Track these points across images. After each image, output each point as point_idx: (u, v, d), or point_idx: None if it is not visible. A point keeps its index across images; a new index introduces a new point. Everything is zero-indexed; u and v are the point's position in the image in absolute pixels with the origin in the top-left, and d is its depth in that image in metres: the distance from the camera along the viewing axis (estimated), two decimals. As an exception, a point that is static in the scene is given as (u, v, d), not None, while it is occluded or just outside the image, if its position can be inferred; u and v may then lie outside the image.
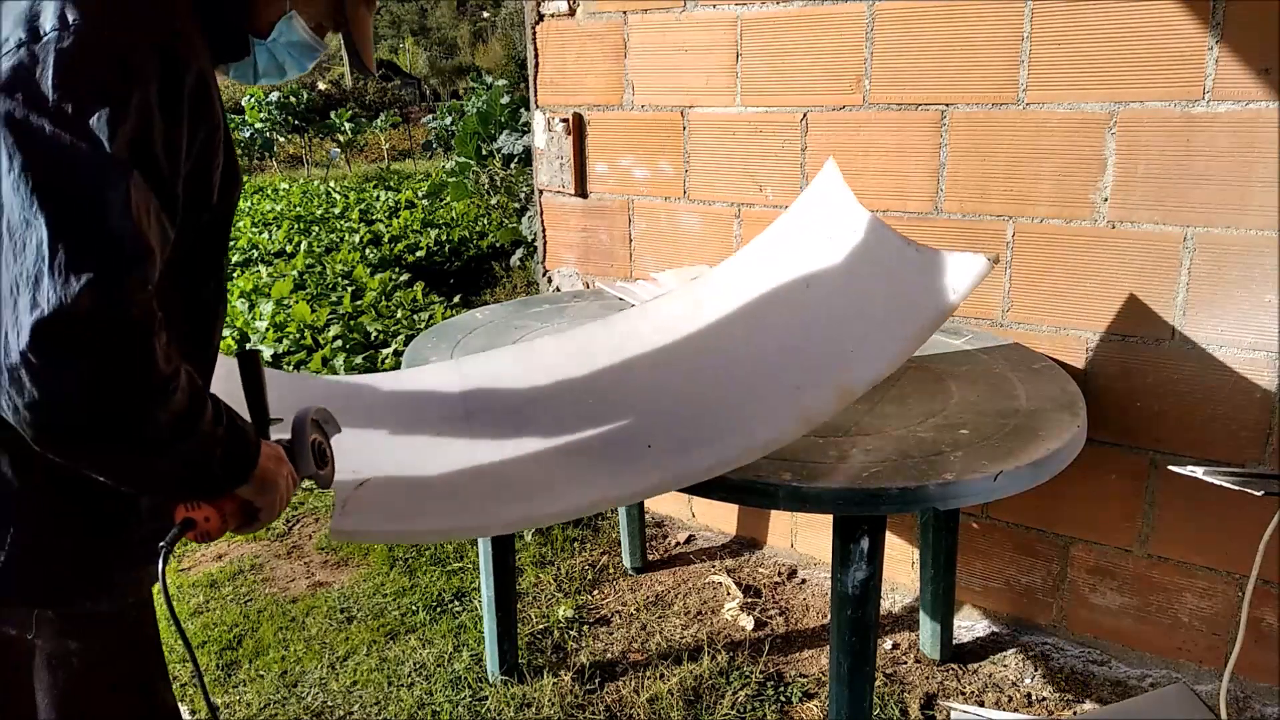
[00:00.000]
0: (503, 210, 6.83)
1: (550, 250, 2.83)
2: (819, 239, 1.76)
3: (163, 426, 0.86)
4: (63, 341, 0.78)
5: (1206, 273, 1.85)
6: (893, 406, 1.61)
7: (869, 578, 1.42)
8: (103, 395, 0.80)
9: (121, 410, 0.82)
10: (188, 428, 0.89)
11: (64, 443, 0.83)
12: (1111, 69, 1.85)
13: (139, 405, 0.83)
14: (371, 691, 2.11)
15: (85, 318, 0.78)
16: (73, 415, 0.80)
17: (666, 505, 2.88)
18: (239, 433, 0.99)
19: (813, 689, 2.07)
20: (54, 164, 0.80)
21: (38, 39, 0.83)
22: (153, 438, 0.86)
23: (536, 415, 1.64)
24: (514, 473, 1.46)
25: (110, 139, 0.82)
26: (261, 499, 1.05)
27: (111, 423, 0.83)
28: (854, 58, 2.14)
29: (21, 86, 0.82)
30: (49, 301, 0.77)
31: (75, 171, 0.81)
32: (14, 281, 0.78)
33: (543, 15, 2.62)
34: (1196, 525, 1.98)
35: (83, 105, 0.82)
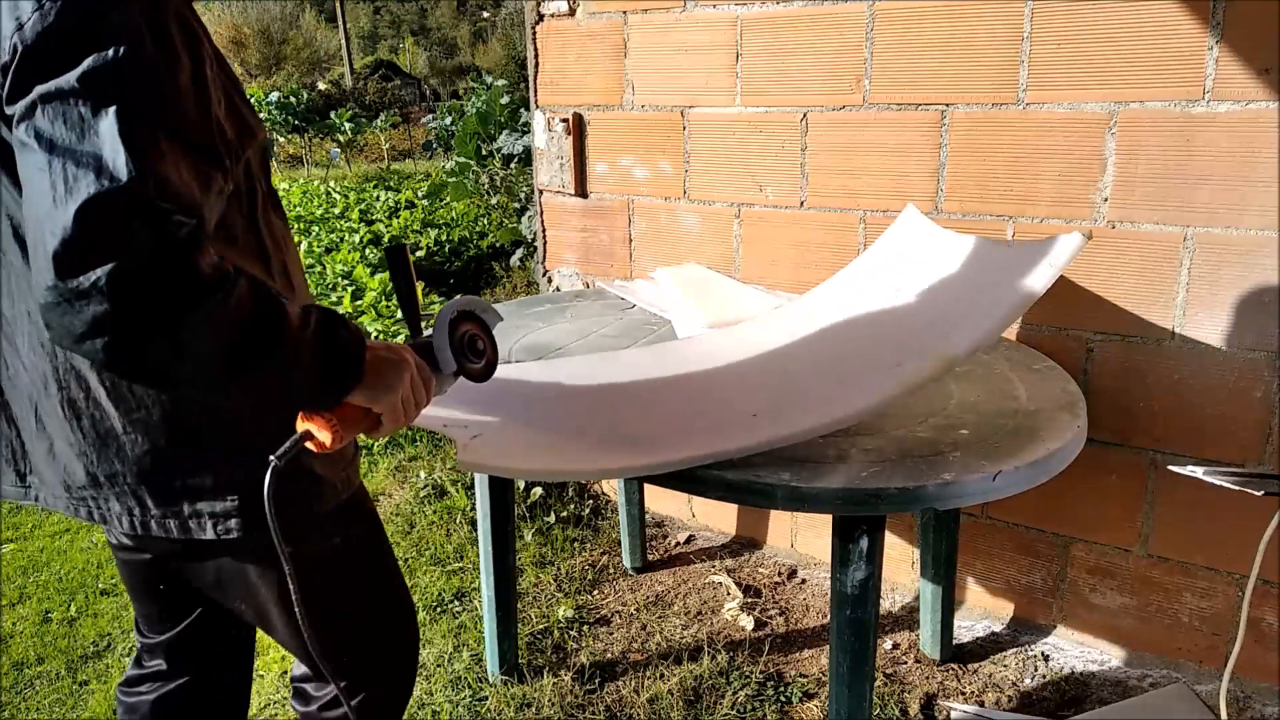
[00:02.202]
0: (503, 210, 6.83)
1: (550, 250, 2.83)
2: (907, 264, 1.81)
3: (221, 331, 0.88)
4: (75, 263, 0.81)
5: (1206, 273, 1.85)
6: (892, 406, 1.61)
7: (868, 577, 1.42)
8: (132, 306, 0.83)
9: (160, 317, 0.85)
10: (262, 330, 0.91)
11: (125, 359, 0.87)
12: (1111, 69, 1.85)
13: (176, 309, 0.85)
14: (371, 691, 2.11)
15: (88, 234, 0.82)
16: (116, 332, 0.84)
17: (666, 505, 2.88)
18: (334, 336, 0.99)
19: (813, 689, 2.07)
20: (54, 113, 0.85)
21: (21, 26, 0.87)
22: (214, 344, 0.88)
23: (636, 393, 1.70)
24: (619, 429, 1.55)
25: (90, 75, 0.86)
26: (379, 404, 1.04)
27: (154, 332, 0.85)
28: (854, 58, 2.14)
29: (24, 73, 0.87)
30: (53, 234, 0.82)
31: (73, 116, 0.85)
32: (37, 224, 0.83)
33: (543, 15, 2.62)
34: (1196, 525, 1.98)
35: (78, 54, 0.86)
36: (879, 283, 1.82)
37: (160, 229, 0.84)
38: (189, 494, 1.09)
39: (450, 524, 2.84)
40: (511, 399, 1.67)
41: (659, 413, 1.61)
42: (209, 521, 1.10)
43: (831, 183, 2.25)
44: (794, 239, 2.34)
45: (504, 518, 2.05)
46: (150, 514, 1.10)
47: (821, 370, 1.64)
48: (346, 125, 15.34)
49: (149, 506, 1.10)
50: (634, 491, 2.54)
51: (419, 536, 2.80)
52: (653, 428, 1.55)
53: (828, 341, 1.72)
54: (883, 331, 1.66)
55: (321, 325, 0.98)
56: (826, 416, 1.45)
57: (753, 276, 2.42)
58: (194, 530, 1.10)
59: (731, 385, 1.68)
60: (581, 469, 1.65)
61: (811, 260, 2.32)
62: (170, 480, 1.09)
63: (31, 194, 0.84)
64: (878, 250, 1.94)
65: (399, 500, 3.04)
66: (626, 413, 1.62)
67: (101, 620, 2.51)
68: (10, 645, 2.40)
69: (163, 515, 1.10)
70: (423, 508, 2.95)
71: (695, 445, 1.42)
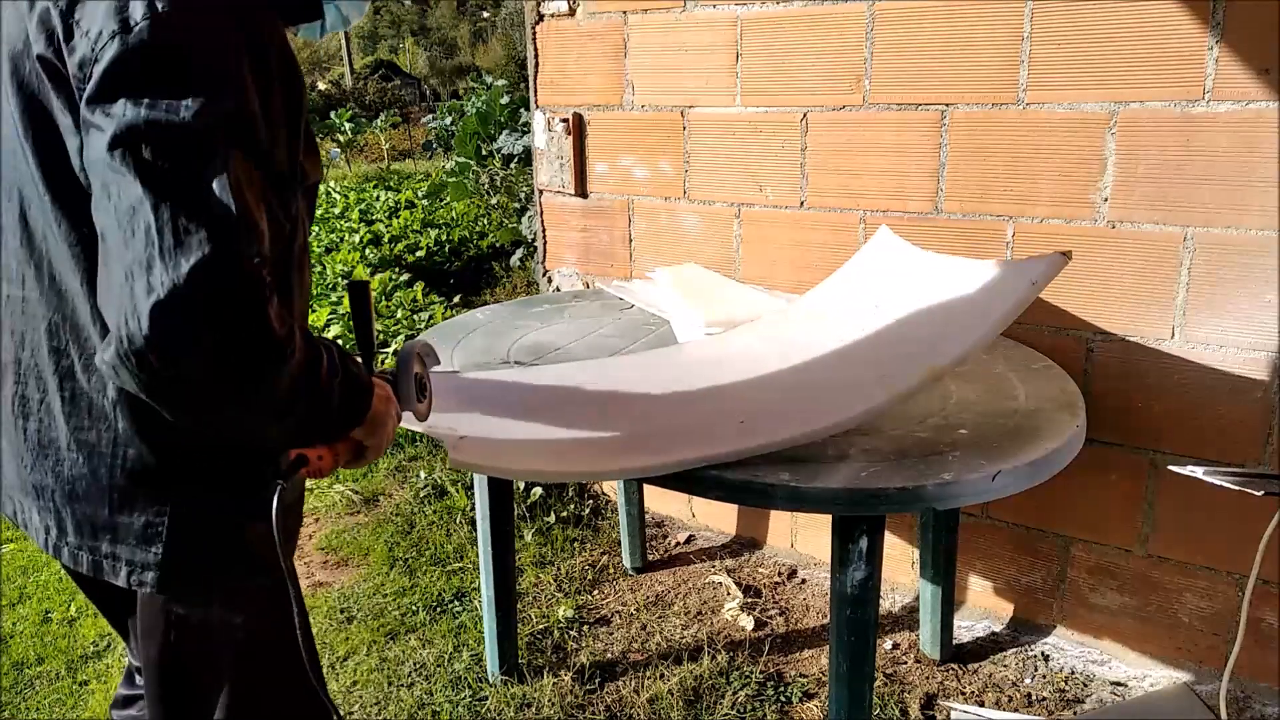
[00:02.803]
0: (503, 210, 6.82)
1: (550, 250, 2.83)
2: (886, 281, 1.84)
3: (283, 388, 0.89)
4: (180, 322, 0.80)
5: (1206, 273, 1.85)
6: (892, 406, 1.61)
7: (868, 578, 1.42)
8: (223, 367, 0.83)
9: (243, 379, 0.85)
10: (306, 386, 0.93)
11: (193, 414, 0.88)
12: (1111, 69, 1.85)
13: (259, 372, 0.86)
14: (371, 691, 2.11)
15: (199, 297, 0.81)
16: (198, 390, 0.84)
17: (666, 505, 2.88)
18: (354, 380, 1.02)
19: (813, 689, 2.07)
20: (154, 150, 0.82)
21: (129, 29, 0.84)
22: (275, 400, 0.90)
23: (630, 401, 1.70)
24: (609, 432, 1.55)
25: (207, 120, 0.84)
26: (371, 439, 1.09)
27: (235, 391, 0.86)
28: (854, 58, 2.14)
29: (117, 75, 0.84)
30: (163, 284, 0.80)
31: (175, 154, 0.83)
32: (128, 269, 0.81)
33: (543, 15, 2.62)
34: (1196, 525, 1.97)
35: (177, 88, 0.84)
36: (860, 300, 1.84)
37: (259, 294, 0.84)
38: (112, 532, 1.03)
39: (450, 524, 2.84)
40: (504, 401, 1.68)
41: (651, 417, 1.61)
42: (124, 568, 1.03)
43: (831, 183, 2.25)
44: (794, 239, 2.34)
45: (504, 518, 2.05)
46: (66, 540, 1.05)
47: (810, 379, 1.65)
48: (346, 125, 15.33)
49: (67, 532, 1.05)
50: (634, 492, 2.54)
51: (419, 536, 2.80)
52: (645, 431, 1.55)
53: (815, 353, 1.73)
54: (868, 344, 1.68)
55: (343, 372, 1.00)
56: (817, 423, 1.45)
57: (753, 276, 2.42)
58: (106, 572, 1.04)
59: (723, 392, 1.68)
60: (575, 470, 1.65)
61: (811, 260, 2.32)
62: (97, 511, 1.03)
63: (124, 226, 0.81)
64: (853, 268, 1.96)
65: (399, 500, 3.04)
66: (618, 417, 1.62)
67: (101, 620, 2.50)
68: (10, 645, 2.40)
69: (78, 546, 1.04)
70: (423, 508, 2.95)
71: (687, 449, 1.42)
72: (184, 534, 1.03)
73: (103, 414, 1.00)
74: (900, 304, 1.73)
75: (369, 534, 2.86)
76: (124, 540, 1.03)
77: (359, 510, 3.05)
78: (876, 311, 1.76)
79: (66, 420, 1.02)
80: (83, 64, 0.86)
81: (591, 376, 1.80)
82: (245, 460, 1.05)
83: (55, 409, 1.02)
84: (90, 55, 0.85)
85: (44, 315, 1.01)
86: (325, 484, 3.19)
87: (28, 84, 0.93)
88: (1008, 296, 1.51)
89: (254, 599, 1.11)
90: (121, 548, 1.03)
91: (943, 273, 1.74)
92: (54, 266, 0.99)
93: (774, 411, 1.55)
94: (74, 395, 1.01)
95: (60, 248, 0.97)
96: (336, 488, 3.14)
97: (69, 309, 0.99)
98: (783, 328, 1.91)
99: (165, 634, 1.08)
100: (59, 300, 1.00)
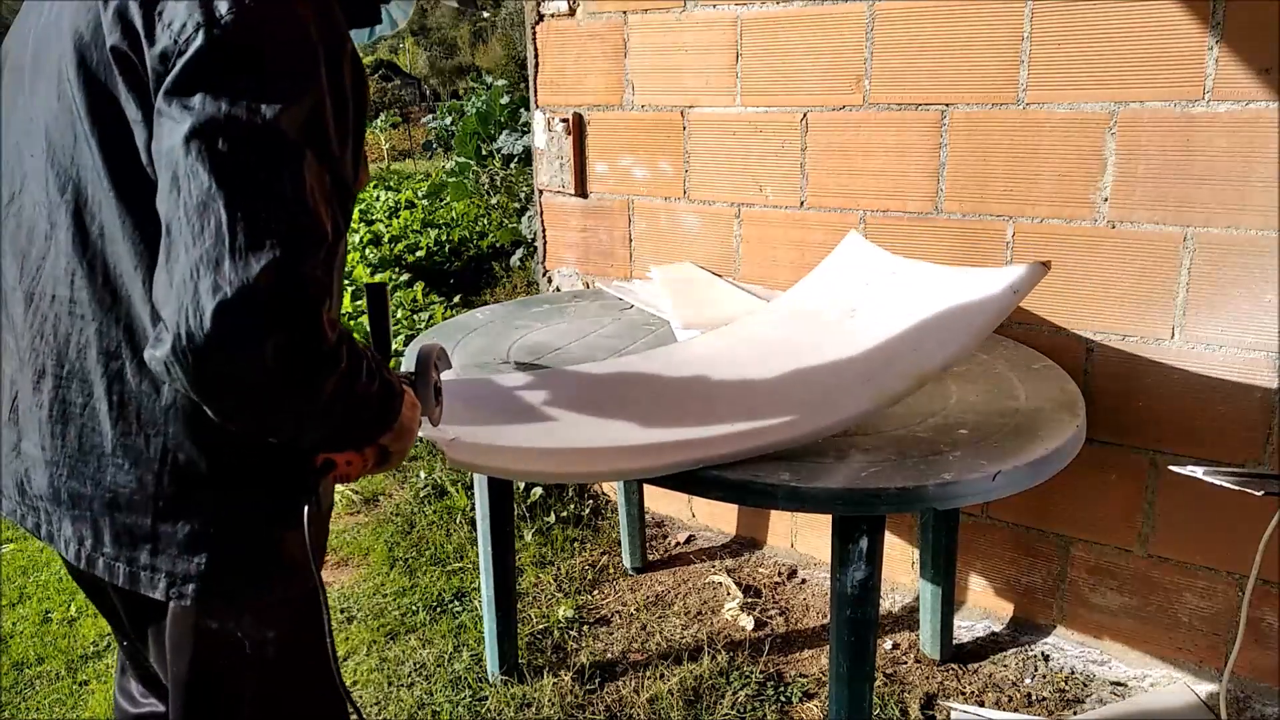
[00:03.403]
0: (503, 210, 6.82)
1: (550, 250, 2.83)
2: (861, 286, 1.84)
3: (329, 393, 0.89)
4: (244, 323, 0.79)
5: (1206, 273, 1.85)
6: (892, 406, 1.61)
7: (868, 578, 1.42)
8: (278, 371, 0.83)
9: (296, 383, 0.85)
10: (348, 391, 0.92)
11: (240, 414, 0.87)
12: (1111, 69, 1.85)
13: (311, 377, 0.86)
14: (371, 691, 2.11)
15: (266, 299, 0.80)
16: (250, 391, 0.83)
17: (666, 505, 2.88)
18: (388, 388, 1.02)
19: (813, 689, 2.07)
20: (230, 146, 0.81)
21: (215, 23, 0.83)
22: (321, 404, 0.89)
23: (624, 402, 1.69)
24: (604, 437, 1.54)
25: (285, 120, 0.83)
26: (396, 444, 1.09)
27: (286, 394, 0.86)
28: (854, 58, 2.14)
29: (199, 68, 0.83)
30: (231, 284, 0.78)
31: (251, 153, 0.82)
32: (194, 265, 0.79)
33: (543, 15, 2.62)
34: (1196, 525, 1.97)
35: (258, 85, 0.83)
36: (836, 305, 1.84)
37: (320, 300, 0.83)
38: (153, 542, 1.00)
39: (450, 524, 2.84)
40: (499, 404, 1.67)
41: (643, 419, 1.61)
42: (164, 580, 1.01)
43: (831, 182, 2.25)
44: (794, 239, 2.34)
45: (504, 518, 2.05)
46: (102, 550, 1.02)
47: (800, 384, 1.65)
48: (346, 125, 15.29)
49: (104, 542, 1.01)
50: (634, 492, 2.54)
51: (419, 536, 2.80)
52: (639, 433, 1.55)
53: (801, 357, 1.73)
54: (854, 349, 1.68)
55: (380, 379, 1.00)
56: (807, 426, 1.46)
57: (753, 276, 2.42)
58: (143, 584, 1.01)
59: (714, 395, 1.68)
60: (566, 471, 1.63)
61: (811, 260, 2.31)
62: (139, 520, 1.00)
63: (192, 221, 0.80)
64: (824, 272, 1.97)
65: (399, 500, 3.04)
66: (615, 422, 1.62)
67: (101, 620, 2.50)
68: (10, 645, 2.40)
69: (114, 557, 1.01)
70: (423, 508, 2.95)
71: (678, 452, 1.41)
72: (228, 543, 1.01)
73: (153, 419, 0.98)
74: (881, 309, 1.74)
75: (369, 534, 2.86)
76: (165, 550, 1.00)
77: (359, 510, 3.06)
78: (854, 316, 1.77)
79: (113, 425, 0.99)
80: (164, 56, 0.84)
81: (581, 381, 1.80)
82: (286, 465, 1.04)
83: (101, 413, 0.99)
84: (173, 47, 0.84)
85: (95, 316, 0.98)
86: (325, 484, 3.18)
87: (96, 76, 0.91)
88: (989, 304, 1.51)
89: (285, 612, 1.10)
90: (162, 559, 1.00)
91: (920, 279, 1.74)
92: (111, 265, 0.96)
93: (768, 415, 1.55)
94: (123, 400, 0.98)
95: (121, 245, 0.94)
96: (336, 488, 3.14)
97: (124, 310, 0.97)
98: (765, 332, 1.91)
99: (196, 648, 1.06)
100: (113, 300, 0.97)
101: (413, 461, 3.32)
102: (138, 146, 0.90)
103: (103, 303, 0.97)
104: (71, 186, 0.96)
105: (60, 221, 0.97)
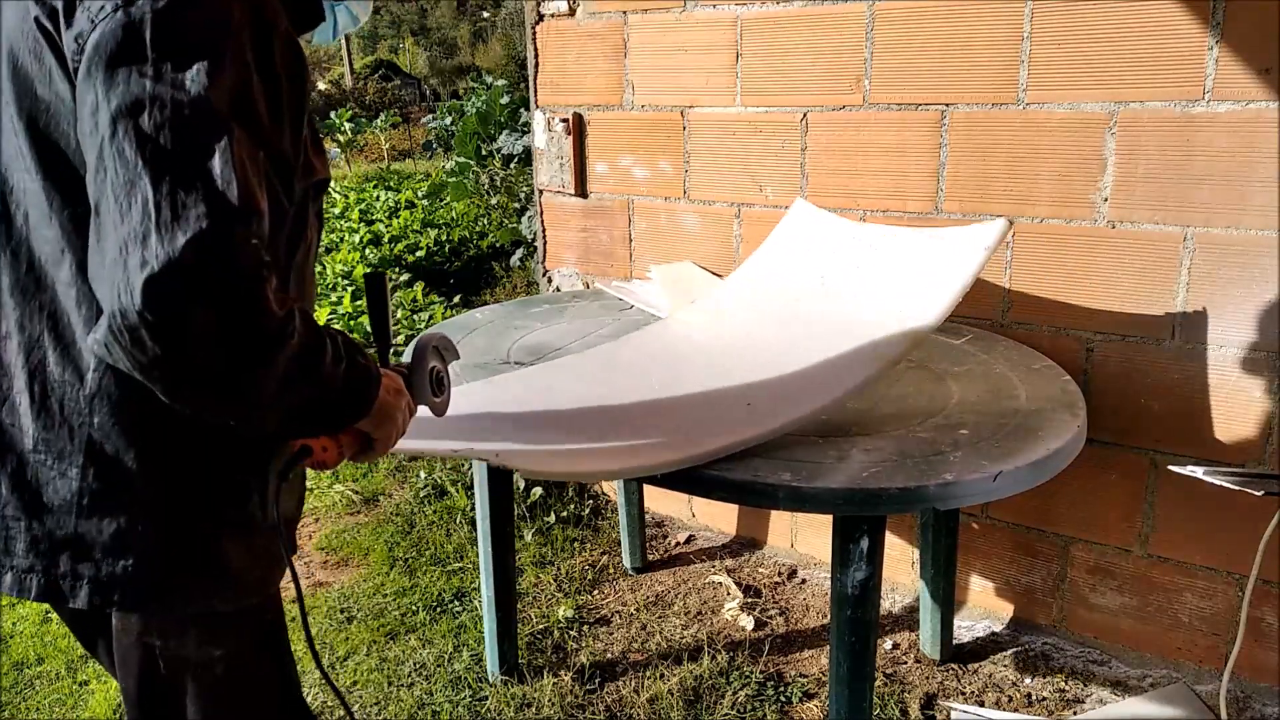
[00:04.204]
0: (503, 210, 6.82)
1: (550, 250, 2.83)
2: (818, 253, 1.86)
3: (281, 369, 0.86)
4: (175, 295, 0.78)
5: (1206, 273, 1.85)
6: (893, 406, 1.61)
7: (869, 578, 1.42)
8: (220, 343, 0.81)
9: (239, 356, 0.83)
10: (308, 369, 0.90)
11: (190, 394, 0.84)
12: (1111, 69, 1.85)
13: (256, 351, 0.84)
14: (371, 691, 2.11)
15: (194, 270, 0.78)
16: (194, 366, 0.81)
17: (666, 505, 2.88)
18: (360, 370, 0.99)
19: (813, 689, 2.07)
20: (155, 122, 0.81)
21: (132, 2, 0.83)
22: (274, 381, 0.87)
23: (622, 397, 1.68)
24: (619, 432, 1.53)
25: (209, 94, 0.82)
26: (378, 431, 1.06)
27: (231, 369, 0.83)
28: (854, 58, 2.14)
29: (119, 48, 0.82)
30: (157, 258, 0.77)
31: (177, 129, 0.81)
32: (123, 242, 0.79)
33: (543, 15, 2.62)
34: (1196, 525, 1.97)
35: (180, 62, 0.82)
36: (804, 275, 1.85)
37: (256, 272, 0.81)
38: (74, 546, 0.94)
39: (450, 524, 2.84)
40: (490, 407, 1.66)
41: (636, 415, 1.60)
42: (85, 587, 0.94)
43: (831, 183, 2.25)
44: (794, 239, 2.34)
45: (504, 518, 2.05)
46: (12, 563, 0.95)
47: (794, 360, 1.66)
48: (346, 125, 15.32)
49: (14, 553, 0.95)
50: (634, 492, 2.54)
51: (419, 536, 2.80)
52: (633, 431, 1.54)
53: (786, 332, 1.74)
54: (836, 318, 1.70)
55: (348, 360, 0.97)
56: (815, 401, 1.48)
57: (753, 276, 2.42)
58: (63, 593, 0.95)
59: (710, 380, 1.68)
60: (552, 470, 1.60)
61: (811, 260, 2.31)
62: (59, 522, 0.94)
63: (120, 200, 0.79)
64: (779, 242, 1.98)
65: (399, 500, 3.04)
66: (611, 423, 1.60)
67: (101, 620, 2.51)
68: (10, 645, 2.40)
69: (27, 569, 0.95)
70: (423, 508, 2.95)
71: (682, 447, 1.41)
72: (160, 544, 0.96)
73: (77, 409, 0.94)
74: (853, 275, 1.75)
75: (369, 534, 2.86)
76: (88, 554, 0.95)
77: (359, 510, 3.05)
78: (825, 283, 1.78)
79: (34, 419, 0.94)
80: (79, 36, 0.84)
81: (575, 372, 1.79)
82: (229, 464, 1.01)
83: (21, 408, 0.95)
84: (89, 27, 0.84)
85: (16, 306, 0.95)
86: (325, 484, 3.18)
87: (23, 62, 0.91)
88: (966, 263, 1.59)
89: (234, 629, 1.05)
90: (85, 564, 0.95)
91: (886, 241, 1.78)
92: (35, 252, 0.94)
93: (774, 396, 1.56)
94: (44, 391, 0.94)
95: (47, 231, 0.93)
96: (336, 488, 3.14)
97: (48, 297, 0.94)
98: (743, 312, 1.90)
99: (141, 665, 1.02)
100: (36, 289, 0.95)
101: (412, 462, 3.32)
102: (64, 131, 0.89)
103: (25, 291, 0.95)
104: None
105: None
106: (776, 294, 1.86)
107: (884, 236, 1.81)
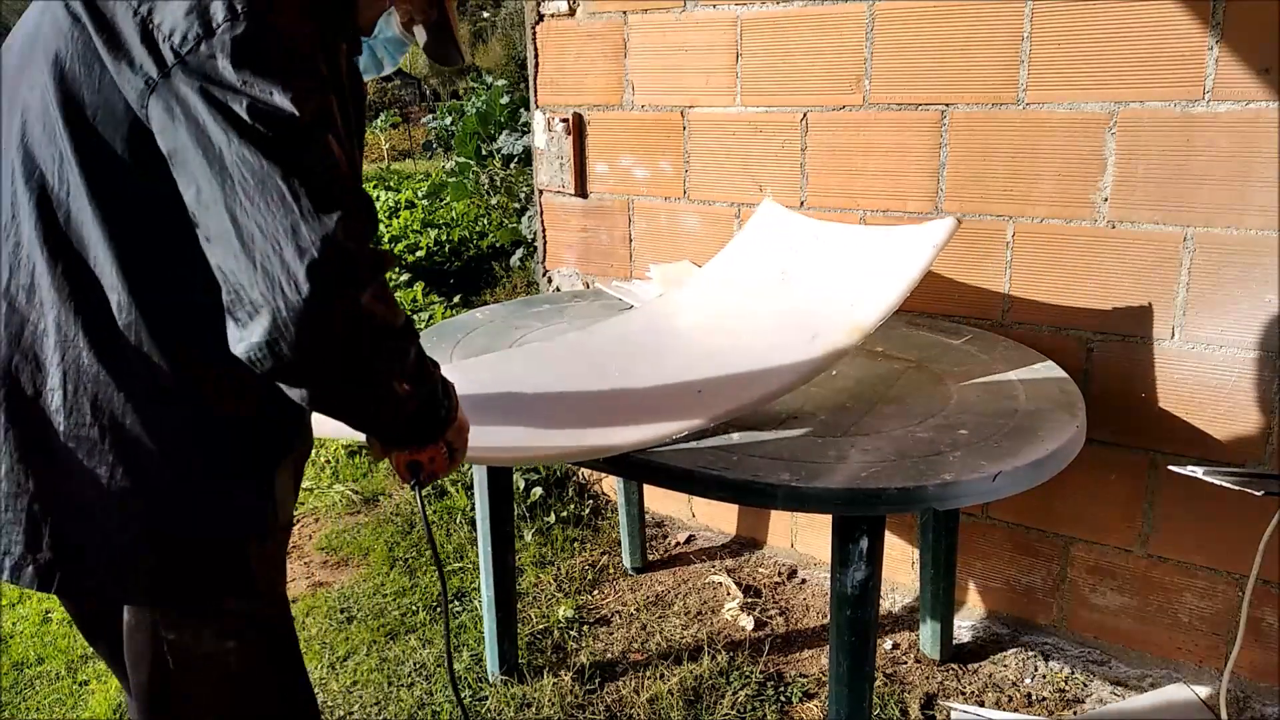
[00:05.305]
0: (503, 210, 6.82)
1: (550, 250, 2.83)
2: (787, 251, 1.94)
3: (413, 362, 0.94)
4: (337, 274, 0.84)
5: (1206, 273, 1.85)
6: (892, 407, 1.61)
7: (868, 578, 1.42)
8: (376, 321, 0.88)
9: (390, 342, 0.90)
10: (426, 371, 0.98)
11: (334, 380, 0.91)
12: (1111, 69, 1.85)
13: (402, 337, 0.92)
14: (371, 691, 2.11)
15: (352, 249, 0.85)
16: (350, 351, 0.88)
17: (666, 505, 2.88)
18: (447, 381, 1.08)
19: (813, 689, 2.07)
20: (270, 129, 0.85)
21: (212, 32, 0.86)
22: (406, 373, 0.94)
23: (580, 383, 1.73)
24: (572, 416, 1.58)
25: (308, 108, 0.88)
26: (459, 439, 1.14)
27: (379, 357, 0.90)
28: (854, 58, 2.14)
29: (212, 75, 0.86)
30: (313, 244, 0.83)
31: (290, 134, 0.86)
32: (273, 240, 0.83)
33: (543, 15, 2.62)
34: (1196, 525, 1.97)
35: (270, 82, 0.86)
36: (765, 270, 1.92)
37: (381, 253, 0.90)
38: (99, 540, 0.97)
39: (450, 524, 2.84)
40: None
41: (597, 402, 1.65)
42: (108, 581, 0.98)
43: (831, 183, 2.25)
44: (794, 239, 2.34)
45: (504, 518, 2.05)
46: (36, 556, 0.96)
47: (748, 346, 1.71)
48: (346, 125, 15.29)
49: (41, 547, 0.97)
50: (634, 491, 2.54)
51: (419, 536, 2.80)
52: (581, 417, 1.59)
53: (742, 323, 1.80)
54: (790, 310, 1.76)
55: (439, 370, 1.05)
56: (763, 389, 1.52)
57: (753, 276, 2.42)
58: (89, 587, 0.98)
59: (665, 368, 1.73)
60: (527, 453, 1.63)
61: (811, 260, 2.31)
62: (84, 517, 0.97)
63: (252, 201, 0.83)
64: (747, 240, 2.04)
65: (399, 500, 3.04)
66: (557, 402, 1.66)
67: (101, 620, 2.51)
68: (10, 645, 2.40)
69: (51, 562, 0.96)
70: (423, 508, 2.95)
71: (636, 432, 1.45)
72: (181, 542, 0.98)
73: (109, 406, 0.94)
74: (811, 271, 1.83)
75: (369, 534, 2.85)
76: (111, 549, 0.97)
77: (359, 510, 3.05)
78: (785, 278, 1.85)
79: (67, 415, 0.95)
80: (165, 50, 0.87)
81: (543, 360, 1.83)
82: (253, 469, 1.03)
83: (53, 405, 0.95)
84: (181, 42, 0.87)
85: (53, 304, 0.95)
86: (325, 484, 3.19)
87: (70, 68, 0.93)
88: (915, 259, 1.64)
89: (248, 623, 1.07)
90: (108, 559, 0.97)
91: (845, 240, 1.86)
92: (75, 252, 0.94)
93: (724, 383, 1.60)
94: (77, 389, 0.95)
95: (89, 233, 0.94)
96: (336, 488, 3.14)
97: (85, 297, 0.94)
98: (703, 301, 1.96)
99: (154, 659, 1.03)
100: (74, 288, 0.94)
101: (413, 461, 3.31)
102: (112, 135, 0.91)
103: (62, 290, 0.95)
104: (38, 175, 0.95)
105: (23, 210, 0.96)
106: (738, 288, 1.93)
107: (842, 234, 1.91)
